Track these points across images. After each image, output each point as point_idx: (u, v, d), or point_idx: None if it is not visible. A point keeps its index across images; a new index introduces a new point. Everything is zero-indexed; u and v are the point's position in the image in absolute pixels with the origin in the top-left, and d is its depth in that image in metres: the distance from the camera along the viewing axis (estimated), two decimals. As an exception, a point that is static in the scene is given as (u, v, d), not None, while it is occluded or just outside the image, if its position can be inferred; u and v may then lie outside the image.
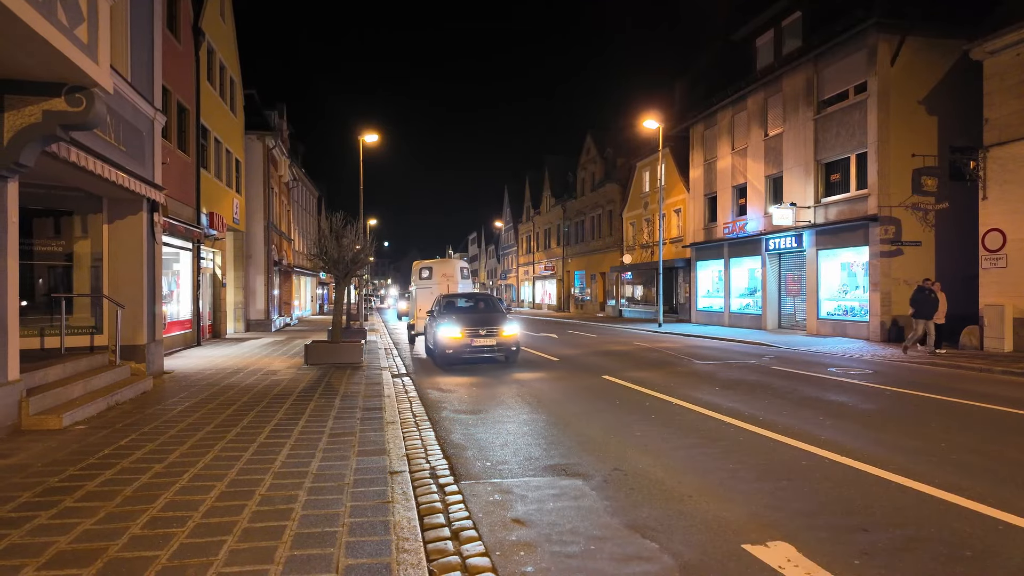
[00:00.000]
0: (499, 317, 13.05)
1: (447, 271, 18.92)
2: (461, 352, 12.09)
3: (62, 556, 3.32)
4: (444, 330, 12.19)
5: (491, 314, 13.63)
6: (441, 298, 14.73)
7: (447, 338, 12.09)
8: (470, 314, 13.50)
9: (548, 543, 3.79)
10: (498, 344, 12.21)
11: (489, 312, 14.07)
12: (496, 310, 14.28)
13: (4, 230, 6.15)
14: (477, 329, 12.16)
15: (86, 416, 6.91)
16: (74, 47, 5.50)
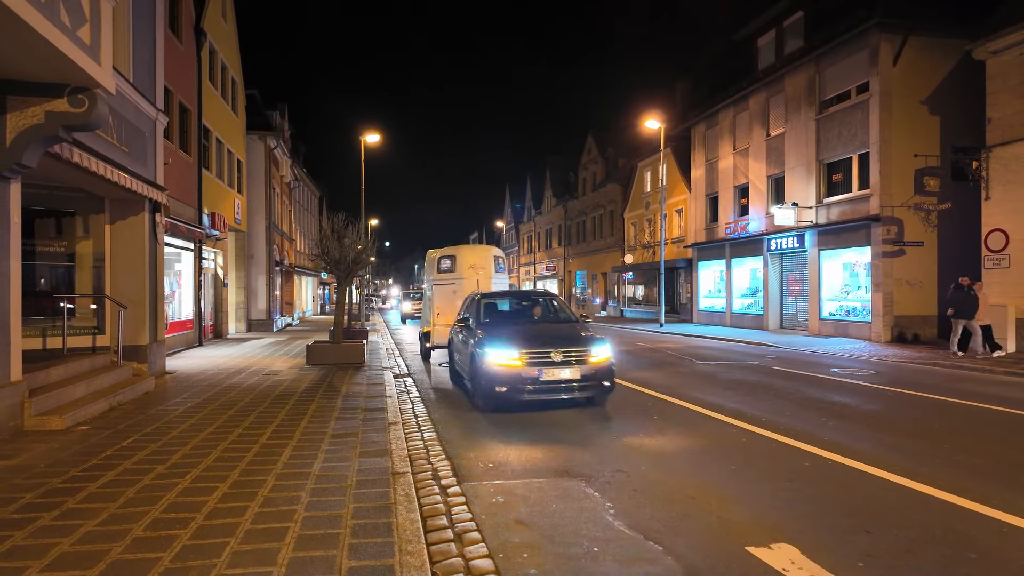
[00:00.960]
0: (578, 331, 8.54)
1: (477, 261, 13.64)
2: (520, 389, 7.50)
3: (65, 558, 3.32)
4: (493, 353, 7.70)
5: (563, 326, 9.09)
6: (477, 299, 9.97)
7: (498, 365, 7.62)
8: (528, 326, 8.93)
9: (551, 545, 3.78)
10: (584, 377, 7.65)
11: (558, 322, 9.47)
12: (568, 318, 9.67)
13: (7, 231, 6.15)
14: (547, 352, 7.65)
15: (88, 417, 6.91)
16: (76, 48, 5.50)
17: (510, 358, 7.59)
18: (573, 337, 8.17)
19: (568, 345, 7.84)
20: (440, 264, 13.86)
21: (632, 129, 34.19)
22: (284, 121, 31.34)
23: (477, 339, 8.31)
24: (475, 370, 8.15)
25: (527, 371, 7.51)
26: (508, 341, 7.82)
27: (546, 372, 7.53)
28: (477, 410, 8.05)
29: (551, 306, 10.20)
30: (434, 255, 14.40)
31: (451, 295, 13.22)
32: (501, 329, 8.50)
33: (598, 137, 42.90)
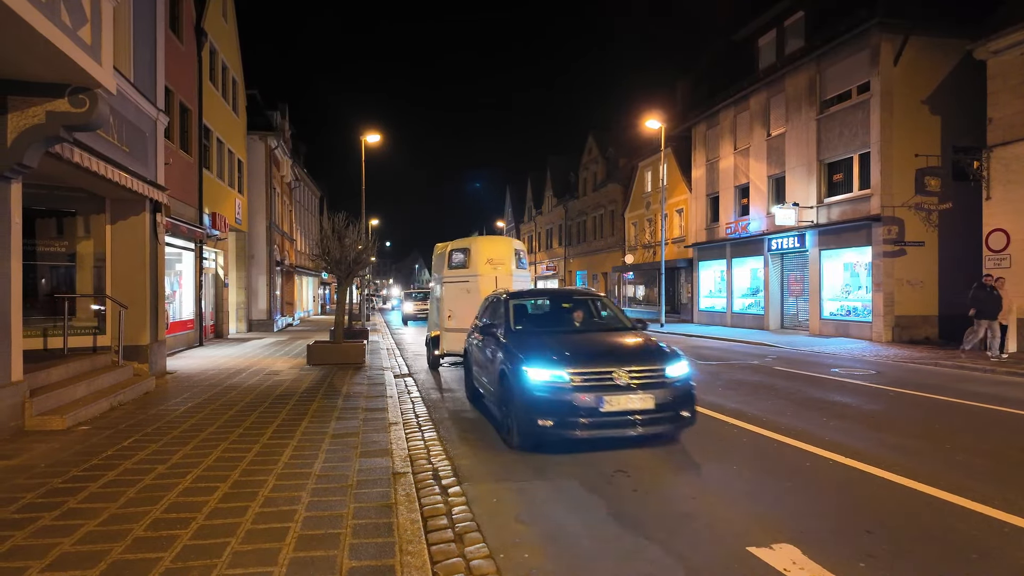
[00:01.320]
0: (642, 342, 6.63)
1: (495, 255, 11.67)
2: (573, 423, 5.54)
3: (65, 558, 3.32)
4: (534, 373, 5.78)
5: (620, 335, 6.98)
6: (503, 299, 7.78)
7: (541, 391, 5.68)
8: (576, 336, 6.96)
9: (552, 544, 3.78)
10: (659, 406, 5.71)
11: (612, 330, 7.35)
12: (622, 325, 7.60)
13: (7, 231, 6.15)
14: (608, 373, 5.74)
15: (89, 417, 6.91)
16: (77, 48, 5.51)
17: (557, 381, 5.63)
18: (638, 351, 6.34)
19: (634, 361, 5.90)
20: (451, 259, 11.93)
21: (633, 129, 34.19)
22: (285, 121, 31.35)
23: (509, 353, 6.35)
24: (507, 395, 6.15)
25: (582, 399, 5.52)
26: (553, 357, 5.87)
27: (608, 400, 5.51)
28: (510, 447, 6.05)
29: (596, 308, 8.22)
30: (444, 248, 12.42)
31: (464, 295, 11.35)
32: (541, 340, 6.51)
33: (599, 137, 42.90)
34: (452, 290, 11.73)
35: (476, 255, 11.61)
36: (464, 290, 11.46)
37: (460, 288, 11.57)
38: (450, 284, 11.80)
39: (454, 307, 11.50)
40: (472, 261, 11.62)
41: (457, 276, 11.72)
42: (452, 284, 11.76)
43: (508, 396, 6.20)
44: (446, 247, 12.31)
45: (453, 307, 11.51)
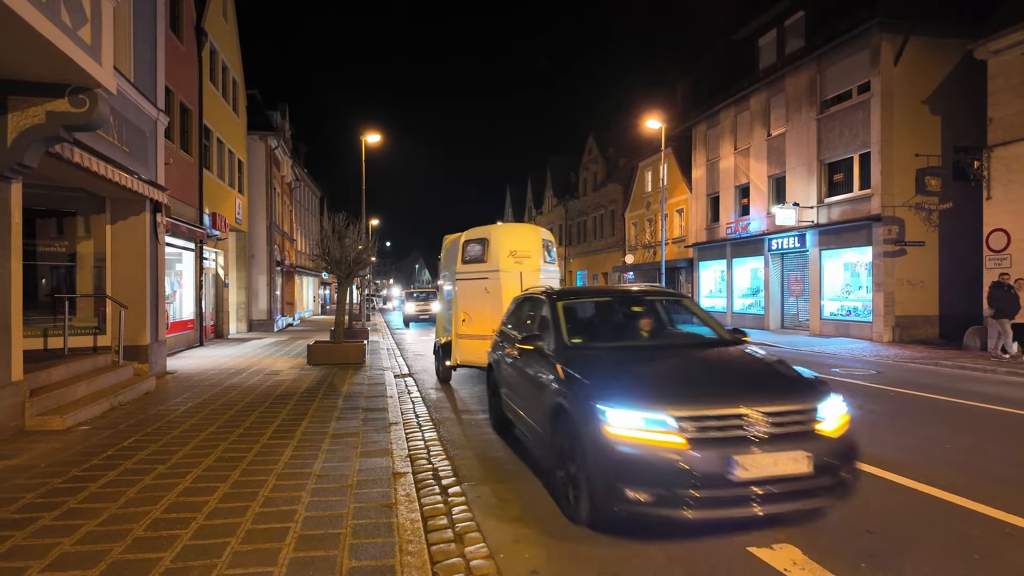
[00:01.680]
0: (766, 362, 4.62)
1: (519, 246, 9.77)
2: (683, 499, 3.49)
3: (65, 558, 3.31)
4: (618, 414, 3.72)
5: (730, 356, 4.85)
6: (547, 299, 5.83)
7: (631, 446, 3.63)
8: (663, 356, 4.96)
9: (553, 545, 3.78)
10: (818, 468, 3.65)
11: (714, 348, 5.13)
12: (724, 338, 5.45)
13: (7, 231, 6.15)
14: (737, 415, 3.70)
15: (89, 417, 6.91)
16: (77, 48, 5.51)
17: (656, 428, 3.64)
18: (769, 379, 4.31)
19: (770, 397, 3.88)
20: (466, 251, 10.09)
21: (633, 129, 34.18)
22: (285, 121, 31.36)
23: (568, 380, 4.38)
24: (568, 443, 4.20)
25: (699, 459, 3.52)
26: (644, 390, 3.93)
27: (743, 462, 3.53)
28: (573, 520, 4.08)
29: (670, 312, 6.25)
30: (455, 240, 10.69)
31: (482, 295, 9.66)
32: (618, 362, 4.58)
33: (599, 137, 42.90)
34: (467, 289, 9.93)
35: (496, 246, 9.67)
36: (482, 289, 9.69)
37: (477, 287, 9.78)
38: (465, 282, 9.98)
39: (470, 309, 9.80)
40: (491, 254, 9.70)
41: (473, 272, 9.89)
42: (467, 282, 9.94)
43: (570, 445, 4.13)
44: (458, 238, 10.46)
45: (469, 309, 9.81)
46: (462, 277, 10.04)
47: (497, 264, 9.59)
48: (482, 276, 9.73)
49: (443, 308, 11.55)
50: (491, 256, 9.69)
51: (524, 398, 5.46)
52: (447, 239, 11.50)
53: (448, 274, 10.95)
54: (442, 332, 11.29)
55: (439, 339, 11.23)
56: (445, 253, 11.49)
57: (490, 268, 9.67)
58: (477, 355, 9.28)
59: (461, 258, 10.10)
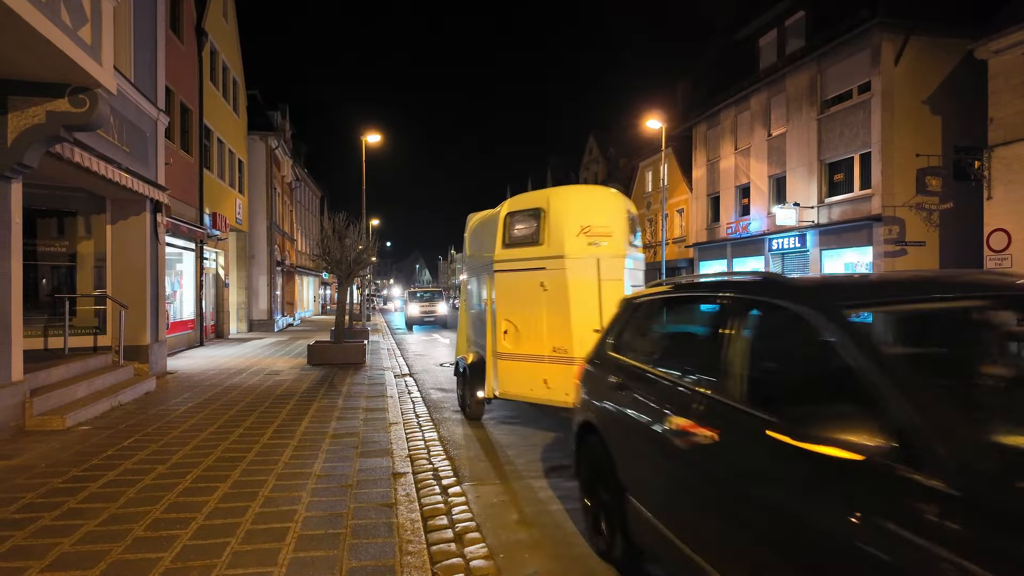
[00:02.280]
0: None
1: (596, 220, 6.76)
2: None
3: (65, 558, 3.31)
4: None
5: None
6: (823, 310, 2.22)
7: None
8: None
9: (553, 545, 3.77)
10: None
11: None
12: None
13: (8, 231, 6.15)
14: None
15: (89, 417, 6.91)
16: (77, 48, 5.51)
17: None
18: None
19: None
20: (510, 229, 7.14)
21: (633, 129, 34.17)
22: (285, 121, 31.37)
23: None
24: None
25: None
26: None
27: None
28: None
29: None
30: (490, 216, 7.72)
31: (534, 294, 6.71)
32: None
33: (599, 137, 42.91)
34: (511, 285, 6.97)
35: (559, 220, 6.60)
36: (535, 285, 6.68)
37: (527, 282, 6.77)
38: (508, 274, 7.00)
39: (516, 316, 6.88)
40: (550, 231, 6.65)
41: (521, 260, 6.87)
42: (511, 274, 6.96)
43: None
44: (495, 213, 7.42)
45: (515, 316, 6.90)
46: (504, 268, 7.00)
47: (561, 247, 6.46)
48: (535, 266, 6.66)
49: (470, 313, 8.64)
50: (550, 235, 6.58)
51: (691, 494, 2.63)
52: (474, 218, 8.62)
53: (476, 264, 8.10)
54: (467, 346, 8.48)
55: (464, 357, 8.02)
56: (471, 236, 8.62)
57: (549, 253, 6.56)
58: (527, 385, 6.62)
59: (501, 240, 7.07)
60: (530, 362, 6.73)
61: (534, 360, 6.69)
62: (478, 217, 8.45)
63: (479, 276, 7.95)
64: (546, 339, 6.56)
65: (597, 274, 6.45)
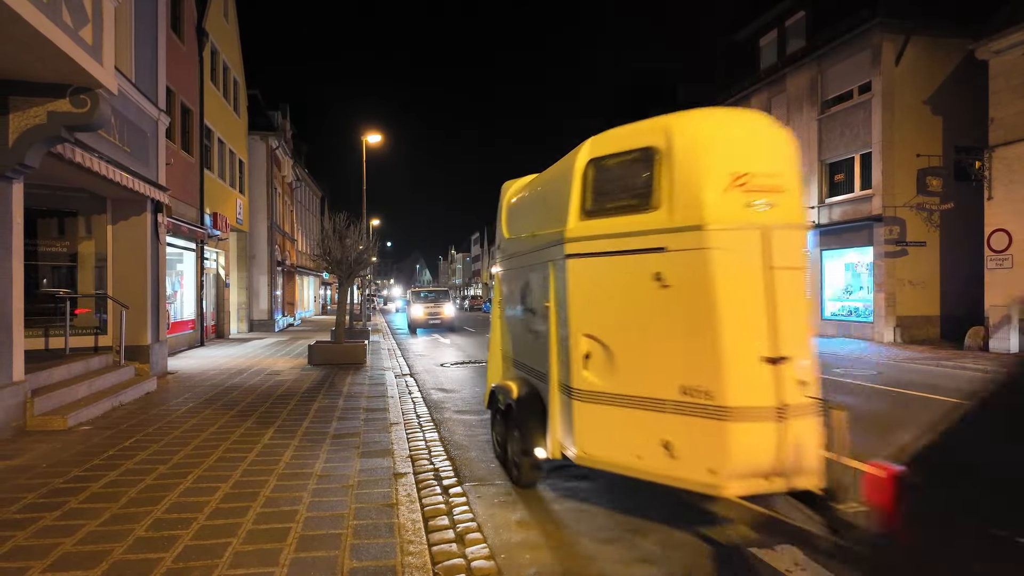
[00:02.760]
0: None
1: (758, 165, 3.71)
2: None
3: (67, 558, 3.32)
4: None
5: None
6: None
7: None
8: None
9: (554, 545, 3.77)
10: None
11: None
12: None
13: (9, 231, 6.16)
14: None
15: (91, 417, 6.92)
16: (79, 48, 5.51)
17: None
18: None
19: None
20: (595, 189, 4.20)
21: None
22: (286, 121, 31.38)
23: None
24: None
25: None
26: None
27: None
28: None
29: None
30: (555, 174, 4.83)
31: (646, 294, 3.81)
32: None
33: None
34: (599, 280, 4.17)
35: (693, 164, 3.74)
36: (646, 278, 3.83)
37: (630, 273, 3.95)
38: (591, 263, 4.19)
39: (612, 331, 4.07)
40: (676, 185, 3.75)
41: (617, 237, 4.01)
42: (599, 262, 4.15)
43: None
44: (567, 164, 4.50)
45: (607, 331, 4.09)
46: (584, 251, 4.20)
47: (696, 211, 3.67)
48: (645, 246, 3.87)
49: (510, 321, 5.93)
50: (675, 191, 3.78)
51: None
52: (514, 184, 5.99)
53: (525, 250, 5.33)
54: (504, 369, 6.04)
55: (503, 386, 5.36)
56: (513, 210, 5.91)
57: (671, 224, 3.76)
58: (630, 447, 3.94)
59: (579, 206, 4.28)
60: (636, 409, 3.87)
61: (644, 406, 3.83)
62: (523, 182, 5.83)
63: (530, 267, 5.10)
64: (667, 371, 3.72)
65: (763, 258, 3.63)
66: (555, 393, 4.39)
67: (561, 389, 4.32)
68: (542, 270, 4.71)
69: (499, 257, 6.29)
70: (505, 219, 6.10)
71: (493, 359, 6.29)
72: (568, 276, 4.19)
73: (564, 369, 4.28)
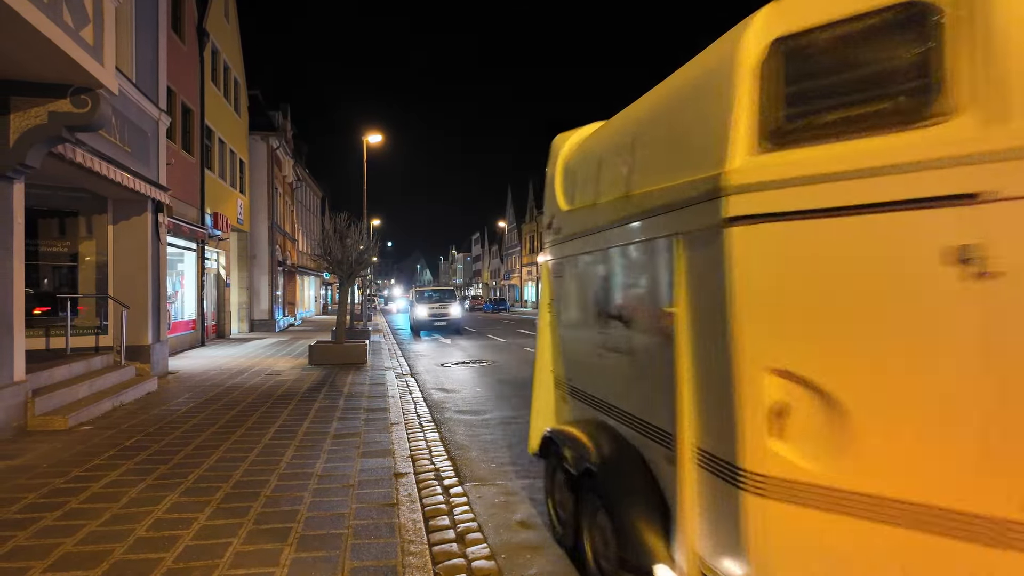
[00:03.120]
0: None
1: None
2: None
3: (68, 558, 3.32)
4: None
5: None
6: None
7: None
8: None
9: (554, 545, 3.77)
10: None
11: None
12: None
13: (10, 231, 6.16)
14: None
15: (91, 417, 6.92)
16: (80, 49, 5.52)
17: None
18: None
19: None
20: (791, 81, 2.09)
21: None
22: (287, 121, 31.40)
23: None
24: None
25: None
26: None
27: None
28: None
29: None
30: (693, 75, 2.61)
31: (929, 297, 1.76)
32: None
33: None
34: (811, 265, 2.00)
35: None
36: (940, 263, 1.74)
37: (892, 249, 1.85)
38: (794, 230, 2.01)
39: (842, 371, 1.93)
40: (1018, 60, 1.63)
41: (858, 177, 1.88)
42: (809, 228, 1.98)
43: None
44: (727, 54, 2.29)
45: (833, 369, 1.95)
46: (760, 210, 2.09)
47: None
48: (919, 194, 1.78)
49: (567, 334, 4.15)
50: (1004, 74, 1.67)
51: None
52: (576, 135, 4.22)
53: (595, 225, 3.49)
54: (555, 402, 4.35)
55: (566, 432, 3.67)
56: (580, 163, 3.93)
57: (996, 144, 1.66)
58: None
59: (755, 126, 2.16)
60: (905, 528, 1.82)
61: (929, 525, 1.78)
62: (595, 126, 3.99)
63: (622, 249, 3.22)
64: (989, 458, 1.71)
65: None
66: (690, 470, 2.44)
67: (709, 465, 2.32)
68: (652, 252, 2.81)
69: (550, 241, 4.29)
70: (561, 184, 4.13)
71: (541, 386, 4.32)
72: (732, 258, 2.16)
73: (719, 431, 2.26)
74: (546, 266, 4.47)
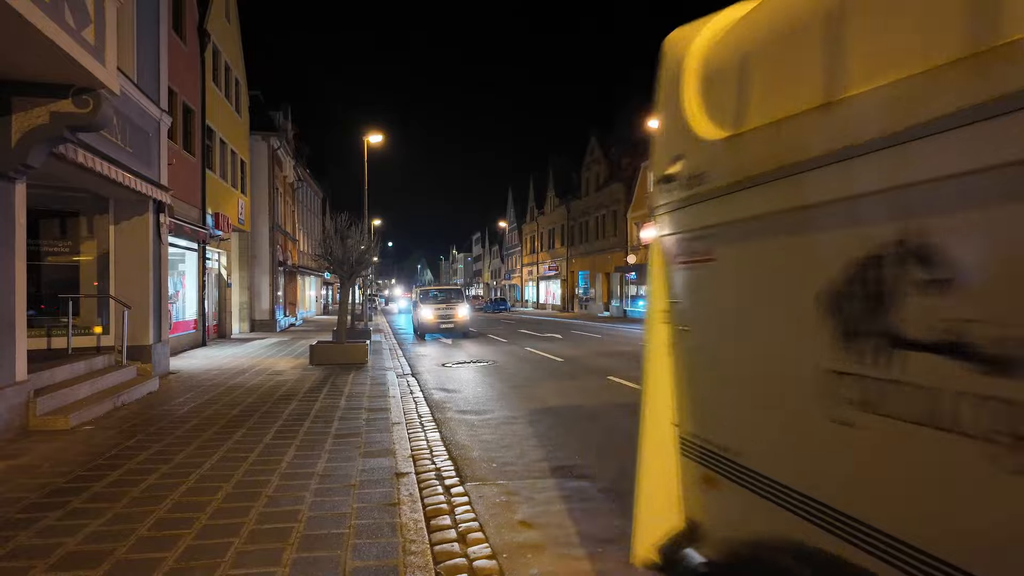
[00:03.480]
0: None
1: None
2: None
3: (70, 557, 3.32)
4: None
5: None
6: None
7: None
8: None
9: (555, 545, 3.78)
10: None
11: None
12: None
13: (12, 231, 6.17)
14: None
15: (93, 416, 6.93)
16: (81, 49, 5.52)
17: None
18: None
19: None
20: None
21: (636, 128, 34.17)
22: (287, 121, 31.41)
23: None
24: None
25: None
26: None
27: None
28: None
29: None
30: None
31: None
32: None
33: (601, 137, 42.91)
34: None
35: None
36: None
37: None
38: None
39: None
40: None
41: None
42: None
43: None
44: None
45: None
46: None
47: None
48: None
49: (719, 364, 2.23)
50: None
51: None
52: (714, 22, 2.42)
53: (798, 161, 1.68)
54: (687, 498, 2.44)
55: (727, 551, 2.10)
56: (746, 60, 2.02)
57: None
58: None
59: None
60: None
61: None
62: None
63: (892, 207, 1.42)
64: None
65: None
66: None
67: None
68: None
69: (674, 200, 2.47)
70: (702, 97, 2.38)
71: (655, 449, 2.55)
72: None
73: None
74: (660, 246, 2.62)
